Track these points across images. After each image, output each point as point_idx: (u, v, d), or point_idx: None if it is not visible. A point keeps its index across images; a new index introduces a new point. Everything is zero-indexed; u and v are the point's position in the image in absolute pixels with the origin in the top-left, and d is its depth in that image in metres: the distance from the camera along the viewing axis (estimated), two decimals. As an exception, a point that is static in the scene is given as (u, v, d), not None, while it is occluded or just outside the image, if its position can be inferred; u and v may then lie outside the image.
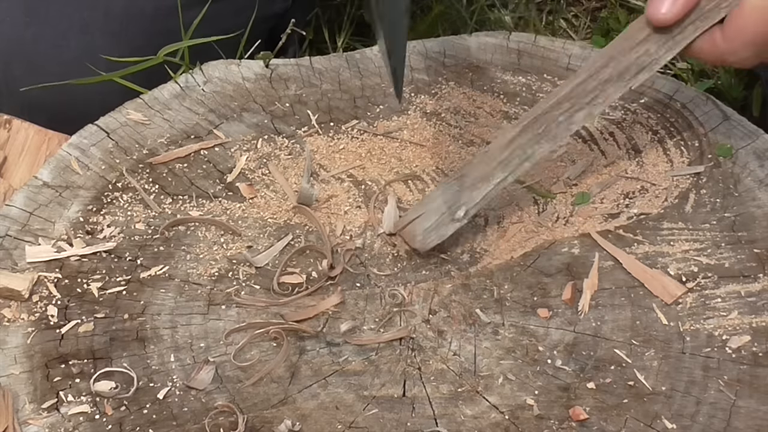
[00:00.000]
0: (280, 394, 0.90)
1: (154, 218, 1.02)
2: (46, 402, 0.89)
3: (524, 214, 1.03)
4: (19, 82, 1.21)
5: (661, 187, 1.04)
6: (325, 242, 1.00)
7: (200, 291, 0.97)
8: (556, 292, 0.97)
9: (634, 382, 0.91)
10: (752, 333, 0.94)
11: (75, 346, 0.93)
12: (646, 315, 0.95)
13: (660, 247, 1.00)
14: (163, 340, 0.93)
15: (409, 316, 0.95)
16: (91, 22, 1.24)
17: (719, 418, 0.88)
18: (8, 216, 1.01)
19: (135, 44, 1.21)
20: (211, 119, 1.10)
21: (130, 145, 1.07)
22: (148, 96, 1.12)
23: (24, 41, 1.24)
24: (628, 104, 1.12)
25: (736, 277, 0.97)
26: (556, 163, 1.07)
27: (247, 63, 1.15)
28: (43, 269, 0.98)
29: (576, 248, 1.00)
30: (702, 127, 1.09)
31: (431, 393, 0.91)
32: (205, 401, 0.90)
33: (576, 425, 0.88)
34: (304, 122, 1.10)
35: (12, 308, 0.95)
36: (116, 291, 0.97)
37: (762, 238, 1.00)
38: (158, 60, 1.14)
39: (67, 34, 1.23)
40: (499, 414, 0.89)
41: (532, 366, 0.92)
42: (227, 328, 0.94)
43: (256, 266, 0.98)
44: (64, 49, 1.23)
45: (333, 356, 0.93)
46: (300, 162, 1.07)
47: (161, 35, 1.20)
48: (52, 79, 1.18)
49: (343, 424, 0.88)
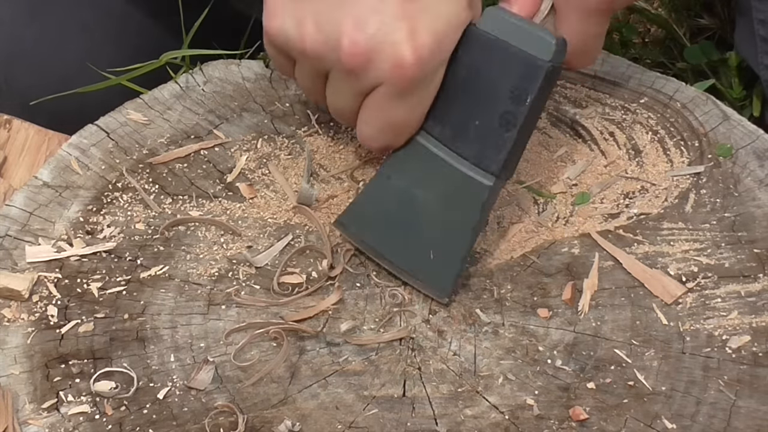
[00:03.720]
0: (280, 394, 0.90)
1: (154, 218, 1.02)
2: (46, 402, 0.89)
3: (524, 214, 1.03)
4: (20, 82, 1.21)
5: (661, 187, 1.04)
6: (325, 242, 1.00)
7: (200, 291, 0.97)
8: (556, 292, 0.97)
9: (634, 382, 0.91)
10: (752, 333, 0.94)
11: (75, 346, 0.93)
12: (646, 315, 0.95)
13: (660, 247, 1.00)
14: (163, 340, 0.93)
15: (409, 316, 0.95)
16: (92, 22, 1.24)
17: (719, 418, 0.88)
18: (8, 216, 1.01)
19: (136, 44, 1.21)
20: (211, 119, 1.10)
21: (130, 145, 1.07)
22: (148, 96, 1.12)
23: (25, 41, 1.24)
24: (628, 104, 1.12)
25: (736, 277, 0.97)
26: (556, 163, 1.07)
27: (247, 63, 1.15)
28: (43, 269, 0.98)
29: (576, 248, 1.00)
30: (702, 127, 1.09)
31: (431, 393, 0.91)
32: (205, 401, 0.90)
33: (576, 425, 0.88)
34: (304, 122, 1.10)
35: (12, 308, 0.95)
36: (116, 291, 0.97)
37: (762, 238, 1.00)
38: (160, 64, 1.14)
39: (67, 34, 1.23)
40: (499, 414, 0.89)
41: (532, 366, 0.92)
42: (227, 328, 0.94)
43: (256, 266, 0.98)
44: (65, 49, 1.23)
45: (333, 356, 0.93)
46: (300, 162, 1.07)
47: (162, 35, 1.20)
48: (53, 79, 1.17)
49: (343, 424, 0.88)
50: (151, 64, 1.14)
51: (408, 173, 0.96)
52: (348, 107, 0.97)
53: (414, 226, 0.96)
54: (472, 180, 0.94)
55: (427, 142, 0.96)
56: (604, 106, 1.12)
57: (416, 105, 0.94)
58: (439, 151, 0.95)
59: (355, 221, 0.98)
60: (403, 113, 0.94)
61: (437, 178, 0.95)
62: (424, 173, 0.96)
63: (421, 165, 0.96)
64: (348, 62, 0.92)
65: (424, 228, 0.96)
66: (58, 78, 1.18)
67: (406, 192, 0.96)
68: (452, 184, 0.94)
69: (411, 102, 0.94)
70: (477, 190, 0.94)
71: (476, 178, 0.94)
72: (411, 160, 0.96)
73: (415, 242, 0.95)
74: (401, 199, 0.96)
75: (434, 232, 0.95)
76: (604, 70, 1.14)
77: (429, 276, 0.95)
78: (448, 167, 0.95)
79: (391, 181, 0.97)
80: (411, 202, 0.96)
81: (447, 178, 0.95)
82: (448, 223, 0.95)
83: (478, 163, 0.94)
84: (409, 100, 0.93)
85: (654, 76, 1.14)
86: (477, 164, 0.94)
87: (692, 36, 1.61)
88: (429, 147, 0.96)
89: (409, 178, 0.96)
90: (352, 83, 0.94)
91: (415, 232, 0.96)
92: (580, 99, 1.12)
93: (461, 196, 0.94)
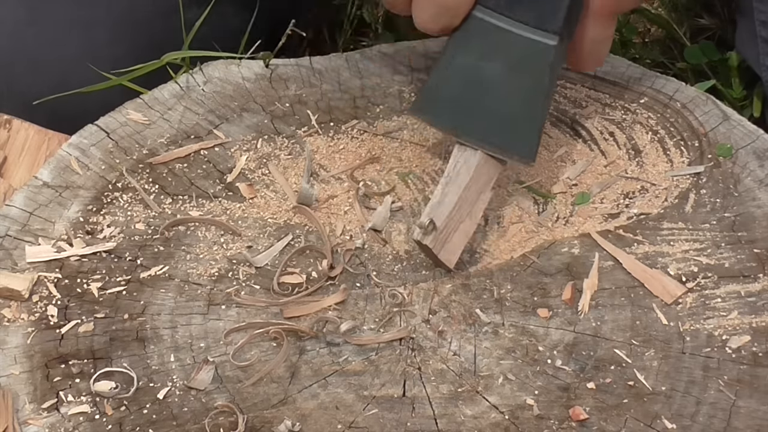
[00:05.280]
0: (280, 394, 0.90)
1: (154, 218, 1.02)
2: (46, 402, 0.89)
3: (524, 214, 1.03)
4: (20, 82, 1.21)
5: (661, 187, 1.04)
6: (325, 242, 1.00)
7: (200, 291, 0.97)
8: (556, 292, 0.97)
9: (634, 382, 0.91)
10: (752, 333, 0.94)
11: (75, 346, 0.93)
12: (646, 315, 0.95)
13: (660, 247, 1.00)
14: (163, 340, 0.93)
15: (409, 316, 0.95)
16: (92, 21, 1.24)
17: (719, 418, 0.88)
18: (8, 216, 1.01)
19: (136, 44, 1.21)
20: (211, 119, 1.10)
21: (130, 145, 1.08)
22: (148, 96, 1.12)
23: (25, 41, 1.24)
24: (628, 104, 1.12)
25: (736, 277, 0.97)
26: (556, 163, 1.07)
27: (247, 63, 1.15)
28: (43, 269, 0.98)
29: (576, 248, 1.00)
30: (702, 127, 1.09)
31: (431, 393, 0.91)
32: (205, 401, 0.90)
33: (576, 425, 0.88)
34: (304, 122, 1.10)
35: (12, 308, 0.95)
36: (116, 291, 0.97)
37: (762, 238, 1.00)
38: (161, 64, 1.14)
39: (67, 34, 1.23)
40: (499, 414, 0.89)
41: (532, 366, 0.92)
42: (227, 328, 0.94)
43: (256, 266, 0.98)
44: (65, 49, 1.23)
45: (333, 356, 0.93)
46: (300, 162, 1.07)
47: (162, 35, 1.20)
48: (53, 79, 1.17)
49: (343, 424, 0.88)
50: (152, 64, 1.14)
51: (472, 49, 0.96)
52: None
53: (488, 99, 0.96)
54: (537, 42, 0.94)
55: (485, 15, 0.96)
56: (604, 106, 1.12)
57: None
58: (498, 21, 0.95)
59: (429, 106, 0.98)
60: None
61: (502, 48, 0.95)
62: (487, 46, 0.96)
63: (483, 38, 0.96)
64: None
65: (498, 99, 0.96)
66: (58, 78, 1.18)
67: (474, 67, 0.96)
68: (517, 50, 0.95)
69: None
70: (543, 52, 0.94)
71: (540, 40, 0.94)
72: (473, 36, 0.96)
73: (492, 114, 0.96)
74: (470, 75, 0.96)
75: (509, 100, 0.95)
76: (604, 70, 1.14)
77: (512, 144, 0.96)
78: (510, 35, 0.95)
79: (457, 60, 0.97)
80: (480, 76, 0.96)
81: (511, 46, 0.95)
82: (520, 89, 0.95)
83: (539, 25, 0.94)
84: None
85: (654, 76, 1.14)
86: (538, 26, 0.94)
87: (692, 36, 1.61)
88: (488, 19, 0.96)
89: (475, 54, 0.96)
90: None
91: (490, 104, 0.96)
92: (580, 99, 1.12)
93: (528, 60, 0.94)
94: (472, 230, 0.98)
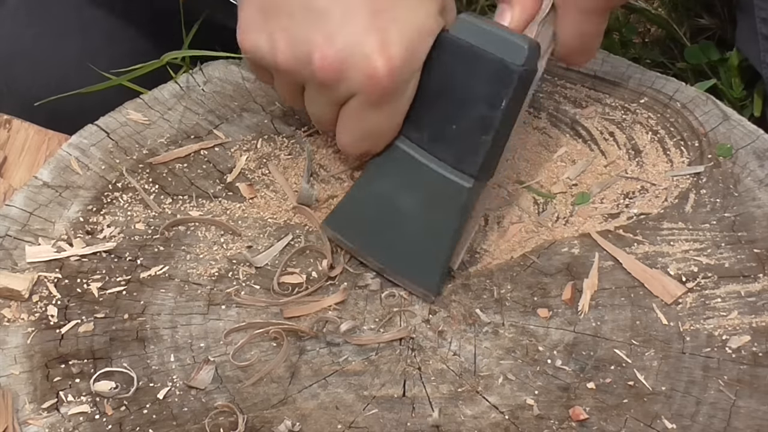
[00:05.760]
0: (280, 394, 0.90)
1: (154, 218, 1.02)
2: (46, 402, 0.89)
3: (524, 214, 1.03)
4: (20, 82, 1.21)
5: (661, 187, 1.04)
6: (325, 242, 1.00)
7: (200, 291, 0.97)
8: (556, 292, 0.97)
9: (634, 382, 0.91)
10: (752, 333, 0.94)
11: (75, 346, 0.93)
12: (646, 315, 0.95)
13: (660, 247, 1.00)
14: (163, 340, 0.93)
15: (409, 316, 0.95)
16: (92, 22, 1.24)
17: (719, 418, 0.88)
18: (8, 216, 1.01)
19: (135, 44, 1.21)
20: (211, 119, 1.10)
21: (130, 145, 1.08)
22: (148, 96, 1.12)
23: (24, 41, 1.24)
24: (628, 104, 1.12)
25: (736, 277, 0.97)
26: (556, 163, 1.07)
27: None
28: (43, 269, 0.98)
29: (576, 248, 1.00)
30: (702, 127, 1.09)
31: (431, 393, 0.91)
32: (205, 401, 0.90)
33: (576, 425, 0.88)
34: (304, 122, 1.10)
35: (12, 308, 0.95)
36: (116, 291, 0.97)
37: (762, 238, 1.00)
38: (161, 64, 1.14)
39: (67, 34, 1.23)
40: (499, 414, 0.89)
41: (532, 366, 0.92)
42: (227, 328, 0.94)
43: (256, 266, 0.98)
44: (65, 49, 1.23)
45: (333, 356, 0.93)
46: (300, 162, 1.07)
47: (162, 35, 1.20)
48: (53, 79, 1.17)
49: (343, 424, 0.88)
50: (152, 64, 1.14)
51: (389, 177, 0.97)
52: (326, 117, 0.98)
53: (397, 229, 0.97)
54: (452, 182, 0.95)
55: (406, 147, 0.97)
56: (604, 106, 1.12)
57: (392, 113, 0.95)
58: (418, 154, 0.96)
59: (340, 224, 0.99)
60: (379, 121, 0.95)
61: (418, 182, 0.96)
62: (404, 177, 0.96)
63: (401, 169, 0.97)
64: (321, 76, 0.93)
65: (407, 230, 0.96)
66: (57, 78, 1.18)
67: (388, 196, 0.97)
68: (432, 186, 0.95)
69: (387, 111, 0.94)
70: (456, 192, 0.95)
71: (456, 181, 0.95)
72: (391, 165, 0.97)
73: (399, 244, 0.96)
74: (383, 202, 0.97)
75: (417, 233, 0.96)
76: (604, 70, 1.14)
77: (415, 277, 0.96)
78: (427, 170, 0.95)
79: (373, 186, 0.98)
80: (393, 205, 0.97)
81: (427, 180, 0.95)
82: (430, 224, 0.96)
83: (456, 165, 0.95)
84: (385, 109, 0.94)
85: (654, 76, 1.14)
86: (455, 167, 0.95)
87: (692, 36, 1.61)
88: (408, 151, 0.96)
89: (391, 182, 0.97)
90: (327, 95, 0.95)
91: (399, 234, 0.96)
92: (580, 99, 1.12)
93: (441, 198, 0.95)
94: (472, 230, 0.98)
